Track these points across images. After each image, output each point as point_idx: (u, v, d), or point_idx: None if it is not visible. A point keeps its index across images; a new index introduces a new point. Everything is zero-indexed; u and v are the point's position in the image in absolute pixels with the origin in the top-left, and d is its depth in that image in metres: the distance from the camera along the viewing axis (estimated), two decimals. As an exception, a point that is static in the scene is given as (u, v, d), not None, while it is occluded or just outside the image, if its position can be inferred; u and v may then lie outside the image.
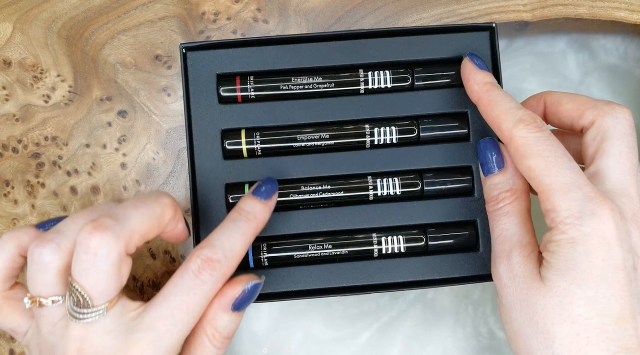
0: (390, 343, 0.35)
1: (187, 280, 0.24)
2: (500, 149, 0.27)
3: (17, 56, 0.34)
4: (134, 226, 0.23)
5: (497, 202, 0.26)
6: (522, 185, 0.26)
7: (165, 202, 0.25)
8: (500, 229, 0.26)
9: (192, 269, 0.24)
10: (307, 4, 0.34)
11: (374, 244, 0.30)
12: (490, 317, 0.35)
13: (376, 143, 0.30)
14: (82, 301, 0.23)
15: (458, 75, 0.30)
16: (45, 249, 0.23)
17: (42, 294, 0.24)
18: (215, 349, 0.25)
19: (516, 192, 0.26)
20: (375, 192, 0.30)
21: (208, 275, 0.24)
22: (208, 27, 0.34)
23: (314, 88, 0.30)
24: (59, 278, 0.24)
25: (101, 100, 0.34)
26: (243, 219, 0.26)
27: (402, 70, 0.30)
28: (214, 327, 0.25)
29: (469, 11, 0.34)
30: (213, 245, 0.24)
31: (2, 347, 0.34)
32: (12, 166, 0.34)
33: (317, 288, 0.30)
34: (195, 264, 0.24)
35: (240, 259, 0.25)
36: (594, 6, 0.33)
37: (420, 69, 0.30)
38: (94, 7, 0.34)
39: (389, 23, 0.34)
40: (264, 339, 0.35)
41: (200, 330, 0.25)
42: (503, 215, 0.26)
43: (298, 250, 0.30)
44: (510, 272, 0.25)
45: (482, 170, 0.28)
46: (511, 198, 0.26)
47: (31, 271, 0.24)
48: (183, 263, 0.25)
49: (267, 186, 0.27)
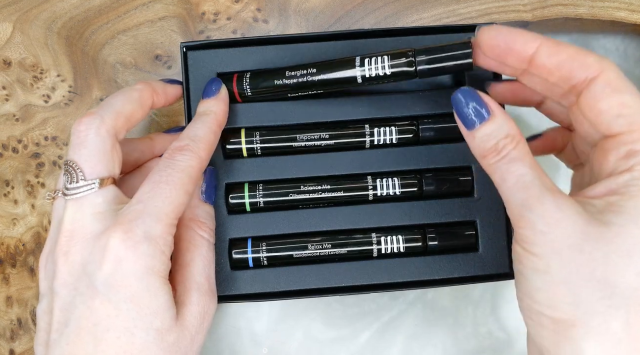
0: (390, 343, 0.35)
1: (162, 165, 0.25)
2: (481, 96, 0.24)
3: (17, 56, 0.34)
4: (117, 109, 0.26)
5: (497, 151, 0.23)
6: (517, 129, 0.23)
7: (139, 87, 0.28)
8: (515, 176, 0.22)
9: (164, 157, 0.26)
10: (307, 4, 0.34)
11: (374, 243, 0.30)
12: (490, 317, 0.35)
13: (376, 143, 0.30)
14: (74, 175, 0.24)
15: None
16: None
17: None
18: (204, 240, 0.27)
19: (515, 136, 0.23)
20: (375, 192, 0.30)
21: (180, 155, 0.25)
22: (208, 27, 0.34)
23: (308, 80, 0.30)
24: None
25: (101, 100, 0.34)
26: (201, 115, 0.28)
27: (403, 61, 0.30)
28: (195, 218, 0.28)
29: (469, 11, 0.34)
30: (178, 140, 0.26)
31: (2, 347, 0.34)
32: (12, 166, 0.34)
33: (317, 288, 0.30)
34: (167, 153, 0.26)
35: (209, 144, 0.27)
36: (594, 6, 0.33)
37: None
38: (94, 7, 0.34)
39: (389, 23, 0.34)
40: (264, 339, 0.35)
41: (188, 230, 0.27)
42: (512, 161, 0.23)
43: (297, 250, 0.30)
44: (551, 217, 0.21)
45: (465, 124, 0.24)
46: (513, 142, 0.23)
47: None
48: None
49: (210, 85, 0.29)
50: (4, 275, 0.34)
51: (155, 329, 0.23)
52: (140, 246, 0.23)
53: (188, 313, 0.25)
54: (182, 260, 0.27)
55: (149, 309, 0.23)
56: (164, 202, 0.24)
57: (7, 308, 0.34)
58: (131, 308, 0.23)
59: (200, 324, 0.25)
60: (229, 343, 0.35)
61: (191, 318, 0.25)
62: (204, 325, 0.26)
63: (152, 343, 0.23)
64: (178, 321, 0.24)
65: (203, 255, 0.27)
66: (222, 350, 0.35)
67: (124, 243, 0.23)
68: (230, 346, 0.35)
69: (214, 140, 0.27)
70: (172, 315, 0.24)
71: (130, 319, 0.23)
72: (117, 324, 0.23)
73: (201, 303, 0.26)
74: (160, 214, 0.24)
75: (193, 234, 0.27)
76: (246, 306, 0.35)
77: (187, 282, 0.26)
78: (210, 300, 0.26)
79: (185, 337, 0.25)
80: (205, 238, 0.27)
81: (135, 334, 0.23)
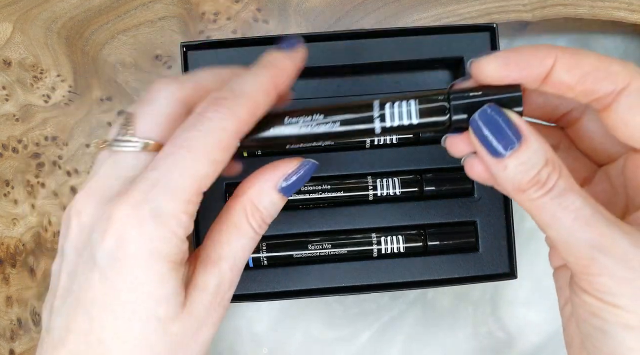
0: (390, 343, 0.35)
1: (190, 120, 0.20)
2: (508, 116, 0.19)
3: (17, 56, 0.34)
4: (203, 84, 0.22)
5: (541, 183, 0.19)
6: (554, 152, 0.20)
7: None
8: (573, 212, 0.19)
9: (196, 112, 0.21)
10: (307, 4, 0.34)
11: (374, 243, 0.30)
12: (489, 317, 0.35)
13: (376, 143, 0.30)
14: (126, 129, 0.21)
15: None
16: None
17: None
18: (251, 230, 0.22)
19: (555, 162, 0.19)
20: (375, 192, 0.30)
21: (212, 111, 0.20)
22: (208, 27, 0.34)
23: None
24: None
25: (101, 100, 0.34)
26: (258, 66, 0.22)
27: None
28: (255, 204, 0.22)
29: (469, 11, 0.34)
30: (220, 90, 0.21)
31: (2, 347, 0.34)
32: (12, 166, 0.34)
33: (317, 288, 0.30)
34: (201, 107, 0.21)
35: (255, 105, 0.21)
36: (594, 6, 0.33)
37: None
38: (94, 7, 0.34)
39: (389, 23, 0.34)
40: (264, 339, 0.35)
41: (239, 206, 0.22)
42: (563, 194, 0.19)
43: (297, 250, 0.30)
44: (634, 260, 0.18)
45: (491, 152, 0.19)
46: (556, 171, 0.19)
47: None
48: None
49: (290, 39, 0.23)
50: (4, 275, 0.34)
51: (156, 318, 0.20)
52: (147, 225, 0.20)
53: (199, 301, 0.22)
54: (218, 239, 0.22)
55: (151, 296, 0.20)
56: (182, 174, 0.20)
57: (7, 308, 0.34)
58: (131, 292, 0.20)
59: (209, 316, 0.22)
60: (229, 343, 0.35)
61: (201, 307, 0.22)
62: (213, 319, 0.22)
63: (152, 333, 0.21)
64: (185, 308, 0.21)
65: (242, 245, 0.22)
66: (222, 350, 0.35)
67: (128, 219, 0.20)
68: (230, 346, 0.35)
69: (263, 101, 0.21)
70: (179, 303, 0.21)
71: (129, 303, 0.20)
72: (115, 306, 0.20)
73: (218, 295, 0.22)
74: (176, 189, 0.20)
75: (242, 218, 0.22)
76: (246, 306, 0.35)
77: (210, 266, 0.22)
78: (227, 296, 0.23)
79: (191, 327, 0.22)
80: (253, 228, 0.22)
81: (133, 321, 0.20)
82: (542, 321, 0.36)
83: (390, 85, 0.32)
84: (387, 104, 0.21)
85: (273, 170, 0.22)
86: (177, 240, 0.20)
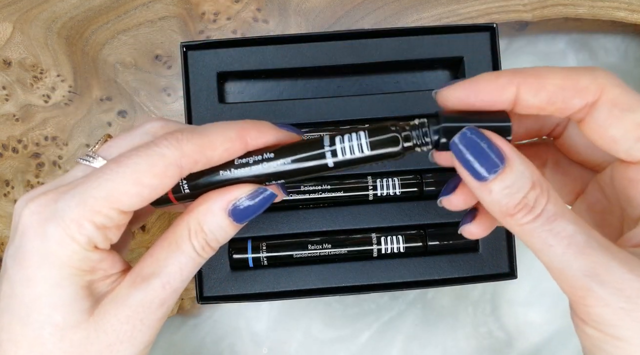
0: (390, 343, 0.35)
1: (140, 144, 0.20)
2: (489, 138, 0.19)
3: (17, 56, 0.34)
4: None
5: (529, 207, 0.18)
6: (540, 174, 0.19)
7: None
8: (565, 239, 0.18)
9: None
10: (307, 4, 0.34)
11: (374, 243, 0.30)
12: (489, 317, 0.35)
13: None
14: (95, 145, 0.22)
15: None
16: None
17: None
18: (192, 250, 0.21)
19: (542, 184, 0.18)
20: (375, 192, 0.30)
21: (162, 139, 0.20)
22: (208, 27, 0.34)
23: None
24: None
25: (101, 100, 0.34)
26: (230, 123, 0.21)
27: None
28: (200, 224, 0.21)
29: (468, 11, 0.34)
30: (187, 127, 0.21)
31: (2, 346, 0.34)
32: (12, 166, 0.34)
33: (317, 288, 0.30)
34: (158, 136, 0.21)
35: (210, 143, 0.20)
36: (594, 6, 0.33)
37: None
38: (94, 7, 0.34)
39: (389, 23, 0.34)
40: (264, 339, 0.35)
41: (183, 224, 0.21)
42: (553, 219, 0.18)
43: (297, 250, 0.30)
44: (630, 288, 0.17)
45: (474, 175, 0.19)
46: (545, 193, 0.18)
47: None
48: None
49: (290, 125, 0.23)
50: (4, 275, 0.34)
51: (53, 324, 0.19)
52: (47, 226, 0.19)
53: (113, 314, 0.20)
54: (156, 255, 0.21)
55: (46, 300, 0.19)
56: (99, 185, 0.19)
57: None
58: (25, 294, 0.19)
59: (126, 332, 0.20)
60: (229, 343, 0.35)
61: (114, 321, 0.20)
62: (136, 338, 0.20)
63: (48, 340, 0.19)
64: (93, 318, 0.20)
65: (179, 263, 0.21)
66: (222, 350, 0.35)
67: (31, 216, 0.19)
68: (230, 346, 0.35)
69: (220, 145, 0.20)
70: (82, 310, 0.20)
71: (24, 306, 0.19)
72: (13, 308, 0.19)
73: (141, 312, 0.20)
74: (86, 196, 0.19)
75: (184, 236, 0.21)
76: (246, 306, 0.35)
77: (139, 281, 0.20)
78: (154, 316, 0.21)
79: (99, 340, 0.20)
80: (195, 249, 0.21)
81: (28, 325, 0.19)
82: (542, 321, 0.36)
83: (390, 85, 0.32)
84: (337, 138, 0.20)
85: (225, 192, 0.21)
86: (76, 246, 0.19)
